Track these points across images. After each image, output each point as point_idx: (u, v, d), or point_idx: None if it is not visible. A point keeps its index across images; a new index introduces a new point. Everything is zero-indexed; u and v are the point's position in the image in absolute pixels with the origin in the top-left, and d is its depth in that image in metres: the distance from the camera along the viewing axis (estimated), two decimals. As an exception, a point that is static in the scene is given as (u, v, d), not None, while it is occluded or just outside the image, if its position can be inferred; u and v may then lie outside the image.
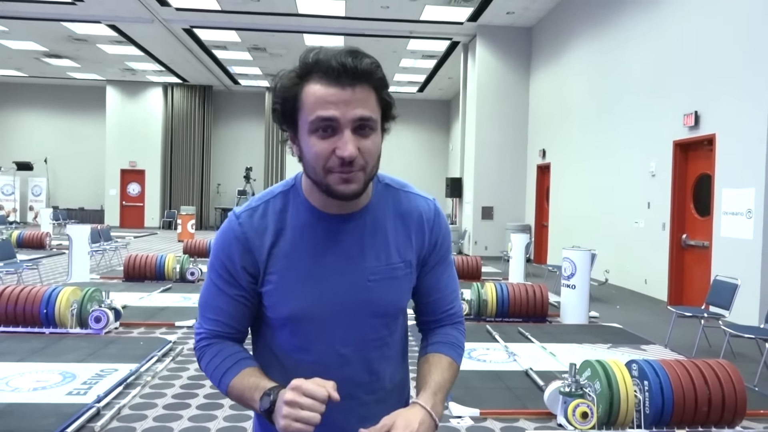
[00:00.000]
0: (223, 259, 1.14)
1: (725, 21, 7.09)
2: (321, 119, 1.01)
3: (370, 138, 1.04)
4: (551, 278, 9.98)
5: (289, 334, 1.15)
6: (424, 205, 1.21)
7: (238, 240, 1.13)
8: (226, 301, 1.15)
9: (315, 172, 1.06)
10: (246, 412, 3.89)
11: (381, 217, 1.15)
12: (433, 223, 1.21)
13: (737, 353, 5.56)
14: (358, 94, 1.01)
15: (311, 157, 1.04)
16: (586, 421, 3.52)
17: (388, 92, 1.08)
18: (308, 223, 1.13)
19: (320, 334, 1.13)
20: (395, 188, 1.20)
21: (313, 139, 1.03)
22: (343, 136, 1.01)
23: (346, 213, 1.13)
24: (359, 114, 1.01)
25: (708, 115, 7.35)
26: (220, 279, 1.15)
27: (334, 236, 1.12)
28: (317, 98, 1.01)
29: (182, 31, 14.76)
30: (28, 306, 5.71)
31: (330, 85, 1.00)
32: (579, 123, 11.34)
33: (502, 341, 5.86)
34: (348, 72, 1.00)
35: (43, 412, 3.73)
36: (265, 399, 1.04)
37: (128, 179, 21.49)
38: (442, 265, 1.24)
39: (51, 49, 17.00)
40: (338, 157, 1.01)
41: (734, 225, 6.79)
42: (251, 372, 1.11)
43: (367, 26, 13.87)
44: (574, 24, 11.67)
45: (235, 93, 22.47)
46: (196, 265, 9.37)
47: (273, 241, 1.12)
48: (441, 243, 1.22)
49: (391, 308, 1.17)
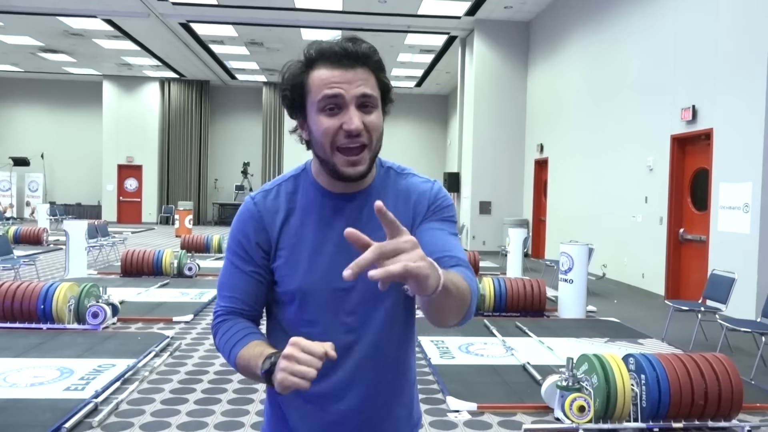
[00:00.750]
0: (239, 238, 1.23)
1: (723, 15, 7.08)
2: (327, 97, 1.10)
3: (374, 114, 1.13)
4: (549, 273, 9.99)
5: (297, 308, 1.21)
6: (424, 185, 1.27)
7: (253, 218, 1.22)
8: (242, 277, 1.22)
9: (323, 150, 1.14)
10: (244, 407, 3.89)
11: (383, 196, 1.22)
12: (434, 197, 1.25)
13: (734, 347, 5.58)
14: (360, 75, 1.12)
15: (320, 134, 1.13)
16: (583, 414, 3.53)
17: (385, 75, 1.17)
18: (316, 202, 1.22)
19: (326, 306, 1.19)
20: (397, 171, 1.28)
21: (321, 117, 1.12)
22: (348, 112, 1.10)
23: (351, 192, 1.21)
24: (362, 91, 1.11)
25: (705, 110, 7.35)
26: (237, 257, 1.23)
27: (339, 213, 1.21)
28: (323, 80, 1.11)
29: (179, 26, 14.70)
30: (25, 302, 5.70)
31: (334, 68, 1.11)
32: (576, 118, 11.33)
33: (499, 336, 5.87)
34: (349, 55, 1.11)
35: (41, 407, 3.73)
36: (266, 362, 1.07)
37: (125, 174, 21.45)
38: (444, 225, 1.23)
39: (47, 44, 16.93)
40: (345, 131, 1.10)
41: (731, 219, 6.80)
42: (257, 343, 1.16)
43: (364, 21, 13.82)
44: (571, 18, 11.65)
45: (232, 88, 22.40)
46: (193, 260, 9.36)
47: (284, 219, 1.21)
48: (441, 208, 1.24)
49: None
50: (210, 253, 12.33)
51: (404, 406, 1.32)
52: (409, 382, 1.33)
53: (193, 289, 8.07)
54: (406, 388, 1.32)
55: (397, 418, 1.30)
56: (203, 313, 6.76)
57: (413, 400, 1.36)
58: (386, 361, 1.26)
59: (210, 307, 7.10)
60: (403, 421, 1.31)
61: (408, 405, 1.33)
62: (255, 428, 3.57)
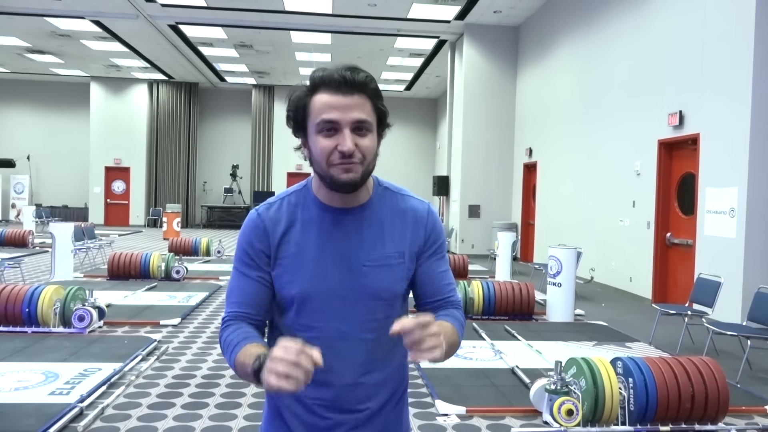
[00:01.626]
0: (245, 246, 1.32)
1: (710, 21, 7.16)
2: (325, 121, 1.21)
3: (367, 137, 1.23)
4: (537, 276, 10.03)
5: (294, 313, 1.29)
6: (418, 206, 1.38)
7: (257, 227, 1.31)
8: (248, 282, 1.31)
9: (321, 167, 1.24)
10: (232, 411, 3.86)
11: (379, 213, 1.33)
12: (426, 221, 1.36)
13: (720, 350, 5.63)
14: (356, 101, 1.22)
15: (318, 153, 1.23)
16: (572, 418, 3.54)
17: (382, 102, 1.27)
18: (315, 216, 1.31)
19: (322, 312, 1.27)
20: (393, 191, 1.38)
21: (319, 138, 1.22)
22: (343, 135, 1.20)
23: (348, 207, 1.31)
24: (356, 117, 1.21)
25: (692, 115, 7.43)
26: (243, 264, 1.32)
27: (337, 227, 1.30)
28: (322, 104, 1.21)
29: (168, 28, 14.63)
30: (9, 305, 5.63)
31: (333, 94, 1.21)
32: (565, 122, 11.40)
33: (488, 339, 5.87)
34: (347, 82, 1.21)
35: (25, 412, 3.68)
36: (255, 361, 1.12)
37: (113, 177, 21.28)
38: (437, 257, 1.38)
39: (34, 44, 16.77)
40: (339, 152, 1.20)
41: (718, 224, 6.86)
42: (254, 345, 1.21)
43: (354, 24, 13.83)
44: (560, 23, 11.73)
45: (221, 90, 22.32)
46: (181, 263, 9.30)
47: (285, 230, 1.30)
48: (434, 238, 1.37)
49: (383, 292, 1.30)
50: (198, 256, 12.26)
51: (396, 412, 1.39)
52: (401, 387, 1.40)
53: (181, 293, 8.01)
54: (398, 393, 1.39)
55: (389, 422, 1.36)
56: (191, 316, 6.71)
57: (404, 407, 1.43)
58: (377, 366, 1.32)
59: (198, 310, 7.05)
60: (393, 426, 1.38)
61: (398, 411, 1.40)
62: (243, 433, 3.54)
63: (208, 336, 5.86)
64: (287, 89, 1.08)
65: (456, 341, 1.30)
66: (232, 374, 4.65)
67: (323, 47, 16.04)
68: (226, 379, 4.55)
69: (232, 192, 21.91)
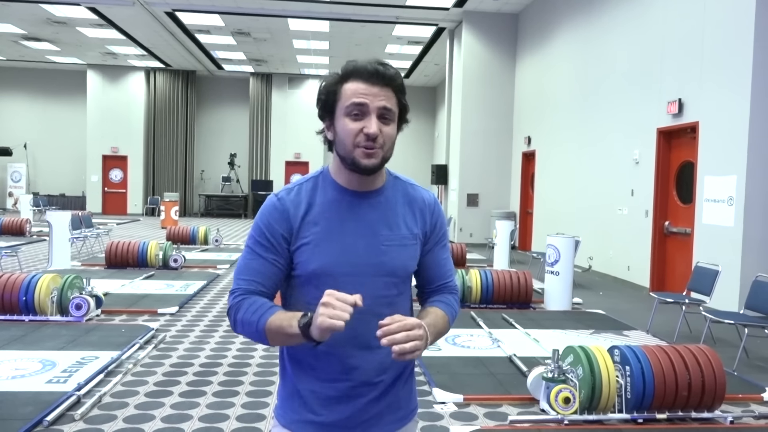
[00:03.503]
0: (263, 228, 1.38)
1: (709, 9, 7.11)
2: (355, 104, 1.31)
3: (390, 126, 1.35)
4: (535, 265, 10.04)
5: (313, 288, 1.35)
6: (426, 195, 1.50)
7: (278, 210, 1.38)
8: (263, 263, 1.38)
9: (345, 148, 1.33)
10: (229, 399, 3.87)
11: (392, 199, 1.43)
12: (434, 210, 1.49)
13: (717, 339, 5.64)
14: (384, 92, 1.33)
15: (345, 134, 1.33)
16: (569, 406, 3.55)
17: (405, 98, 1.39)
18: (334, 198, 1.39)
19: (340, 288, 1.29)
20: (403, 180, 1.49)
21: (347, 120, 1.32)
22: (370, 119, 1.31)
23: (365, 191, 1.40)
24: (383, 104, 1.33)
25: (691, 103, 7.39)
26: (259, 245, 1.38)
27: (355, 208, 1.39)
28: (353, 91, 1.32)
29: (164, 15, 14.51)
30: (6, 293, 5.62)
31: (364, 83, 1.32)
32: (564, 110, 11.36)
33: (486, 327, 5.88)
34: (379, 75, 1.33)
35: (23, 400, 3.68)
36: (303, 318, 1.23)
37: (110, 165, 21.21)
38: (441, 245, 1.51)
39: (29, 32, 16.62)
40: (365, 134, 1.31)
41: (716, 212, 6.85)
42: (284, 312, 1.32)
43: (352, 11, 13.73)
44: (559, 11, 11.65)
45: (219, 78, 22.19)
46: (179, 252, 9.28)
47: (305, 211, 1.38)
48: (439, 227, 1.50)
49: (399, 270, 1.41)
50: (196, 244, 12.25)
51: (408, 387, 1.48)
52: (411, 364, 1.50)
53: (179, 281, 8.00)
54: (409, 370, 1.49)
55: (401, 395, 1.45)
56: (188, 305, 6.71)
57: (413, 384, 1.52)
58: None
59: (195, 299, 7.05)
60: (405, 400, 1.47)
61: (409, 386, 1.49)
62: (241, 420, 3.55)
63: (206, 325, 5.85)
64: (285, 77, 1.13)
65: (445, 329, 1.44)
66: (230, 362, 4.65)
67: (321, 35, 15.93)
68: (224, 367, 4.55)
69: (230, 181, 21.86)
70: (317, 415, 1.38)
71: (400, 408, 1.45)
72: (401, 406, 1.45)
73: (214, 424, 3.50)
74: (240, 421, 3.53)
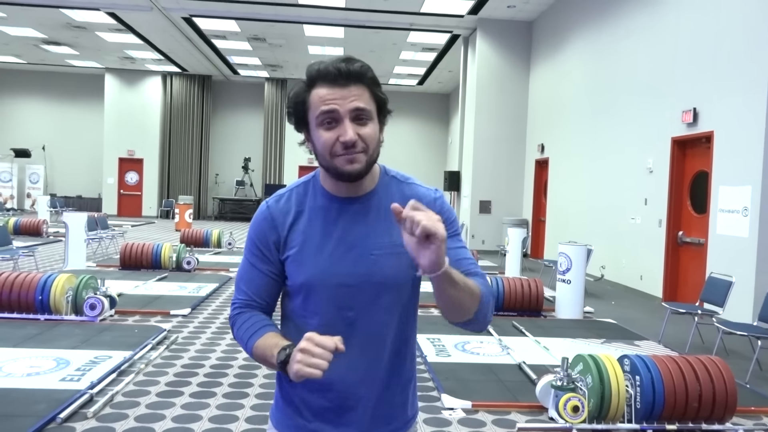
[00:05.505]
0: (255, 238, 1.35)
1: (724, 17, 7.07)
2: (324, 113, 1.22)
3: (368, 126, 1.24)
4: (547, 273, 10.00)
5: (303, 299, 1.32)
6: (425, 192, 1.38)
7: (266, 219, 1.34)
8: (258, 275, 1.35)
9: (325, 159, 1.26)
10: (239, 401, 3.90)
11: (385, 201, 1.32)
12: (434, 205, 1.35)
13: (730, 350, 5.59)
14: (353, 91, 1.23)
15: (320, 146, 1.25)
16: (577, 414, 3.54)
17: (380, 89, 1.28)
18: (323, 205, 1.33)
19: (330, 300, 1.29)
20: (400, 180, 1.39)
21: (320, 131, 1.24)
22: (344, 125, 1.22)
23: (355, 196, 1.32)
24: (355, 105, 1.22)
25: (706, 112, 7.35)
26: (253, 256, 1.35)
27: (343, 215, 1.32)
28: (320, 98, 1.23)
29: (181, 20, 14.68)
30: (23, 292, 5.71)
31: (330, 86, 1.23)
32: (577, 118, 11.32)
33: (496, 334, 5.87)
34: (342, 74, 1.22)
35: (37, 397, 3.74)
36: (281, 353, 1.19)
37: (126, 168, 21.45)
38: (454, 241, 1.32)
39: (50, 36, 16.91)
40: (341, 142, 1.22)
41: (730, 222, 6.80)
42: (272, 335, 1.28)
43: (367, 18, 13.81)
44: (573, 19, 11.64)
45: (234, 83, 22.39)
46: (192, 254, 9.36)
47: (293, 219, 1.33)
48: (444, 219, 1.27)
49: (390, 280, 1.31)
50: (209, 247, 12.34)
51: (401, 398, 1.40)
52: (407, 375, 1.40)
53: (191, 283, 8.07)
54: (404, 381, 1.39)
55: (394, 406, 1.38)
56: (201, 307, 6.77)
57: (410, 394, 1.43)
58: (384, 353, 1.33)
59: (208, 301, 7.11)
60: (398, 410, 1.39)
61: (404, 397, 1.40)
62: (250, 422, 3.58)
63: (218, 326, 5.90)
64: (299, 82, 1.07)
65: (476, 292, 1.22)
66: (240, 365, 4.69)
67: (336, 41, 16.03)
68: (234, 369, 4.58)
69: (244, 184, 22.01)
70: (309, 422, 1.35)
71: (394, 419, 1.38)
72: (395, 416, 1.38)
73: (223, 425, 3.53)
74: (249, 423, 3.56)
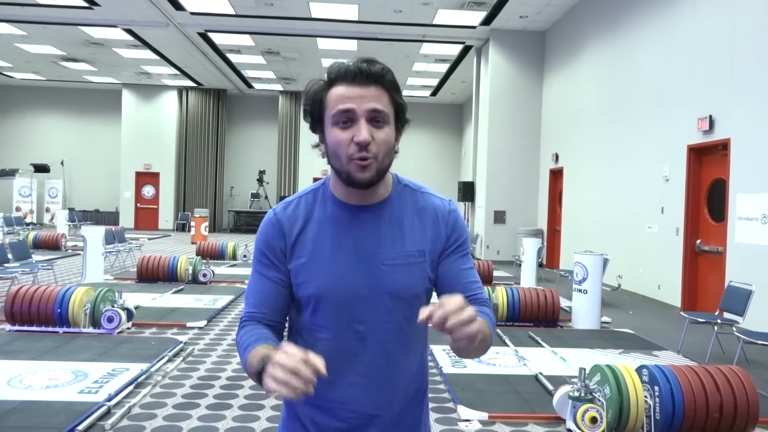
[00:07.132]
0: (262, 246, 1.30)
1: (739, 23, 7.02)
2: (341, 111, 1.19)
3: (383, 130, 1.20)
4: (563, 283, 9.91)
5: (311, 313, 1.26)
6: (439, 203, 1.34)
7: (273, 226, 1.30)
8: (266, 283, 1.29)
9: (338, 160, 1.21)
10: (255, 413, 3.91)
11: (398, 210, 1.29)
12: (448, 218, 1.32)
13: (751, 360, 5.50)
14: (372, 92, 1.19)
15: (334, 145, 1.21)
16: (596, 426, 3.49)
17: (400, 95, 1.25)
18: (333, 213, 1.28)
19: (339, 312, 1.24)
20: (413, 189, 1.35)
21: (335, 130, 1.20)
22: (359, 125, 1.18)
23: (366, 204, 1.28)
24: (372, 106, 1.19)
25: (722, 120, 7.28)
26: (261, 265, 1.30)
27: (354, 224, 1.27)
28: (338, 96, 1.20)
29: (197, 35, 14.90)
30: (42, 305, 5.78)
31: (349, 86, 1.20)
32: (592, 127, 11.27)
33: (512, 345, 5.83)
34: (363, 74, 1.20)
35: (55, 409, 3.77)
36: (259, 363, 1.07)
37: (143, 182, 21.70)
38: (459, 255, 1.32)
39: (68, 53, 17.24)
40: (356, 143, 1.17)
41: (749, 230, 6.71)
42: (263, 347, 1.16)
43: (380, 30, 13.90)
44: (587, 28, 11.62)
45: (248, 96, 22.61)
46: (208, 266, 9.43)
47: (301, 228, 1.28)
48: (456, 236, 1.32)
49: (402, 292, 1.26)
50: (225, 260, 12.42)
51: (413, 415, 1.34)
52: (420, 391, 1.35)
53: (207, 296, 8.12)
54: (416, 397, 1.34)
55: (406, 425, 1.32)
56: (217, 319, 6.80)
57: (423, 409, 1.38)
58: (396, 369, 1.28)
59: (223, 313, 7.14)
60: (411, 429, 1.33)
61: (417, 414, 1.35)
62: (265, 434, 3.58)
63: (233, 338, 5.92)
64: None
65: (488, 334, 1.22)
66: (256, 376, 4.70)
67: (349, 53, 16.15)
68: (250, 381, 4.59)
69: (259, 197, 22.15)
70: None
71: None
72: None
73: (239, 436, 3.53)
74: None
